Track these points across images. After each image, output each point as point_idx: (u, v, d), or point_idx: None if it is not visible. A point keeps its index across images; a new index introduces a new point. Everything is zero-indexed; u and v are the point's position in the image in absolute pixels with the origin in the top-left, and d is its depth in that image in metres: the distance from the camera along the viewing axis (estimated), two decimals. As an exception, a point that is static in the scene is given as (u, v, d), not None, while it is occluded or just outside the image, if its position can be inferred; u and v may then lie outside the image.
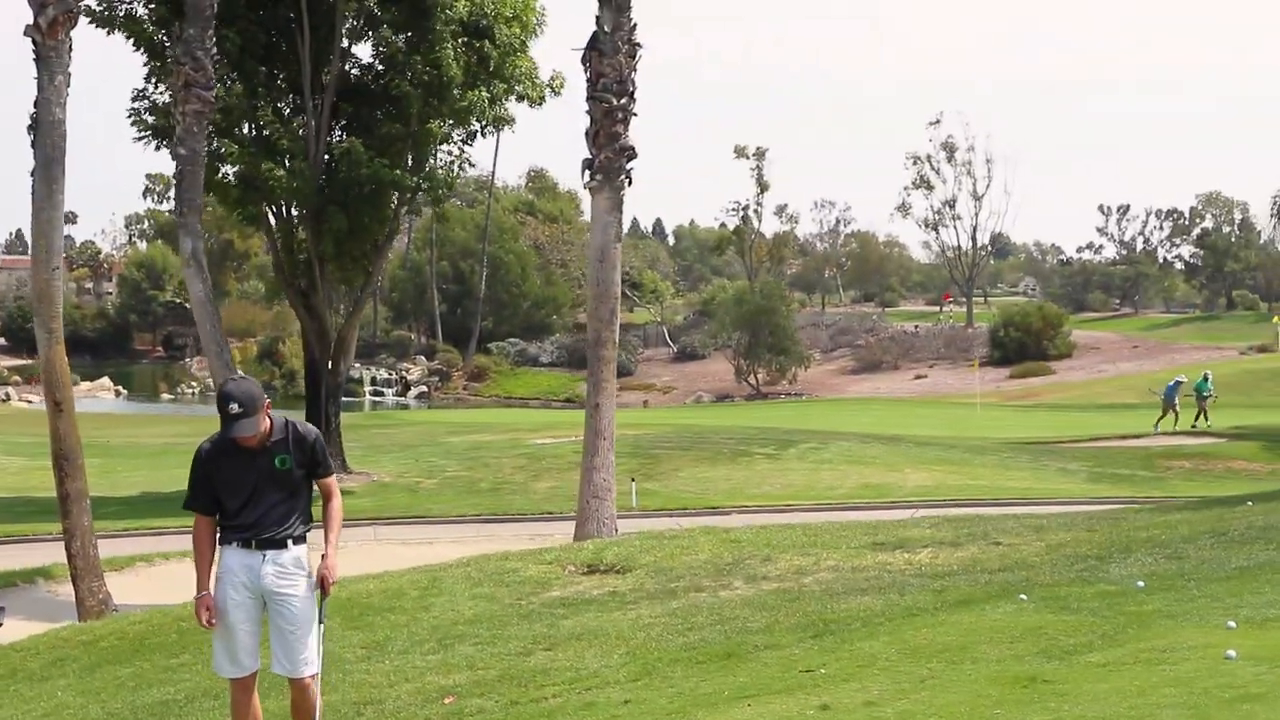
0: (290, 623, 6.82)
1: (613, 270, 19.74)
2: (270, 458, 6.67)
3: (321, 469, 6.84)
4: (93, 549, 16.00)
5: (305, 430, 6.81)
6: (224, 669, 6.86)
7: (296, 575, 6.84)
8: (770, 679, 8.34)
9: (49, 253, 15.60)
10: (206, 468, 6.73)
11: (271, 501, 6.72)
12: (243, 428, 6.52)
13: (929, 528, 13.99)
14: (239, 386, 6.63)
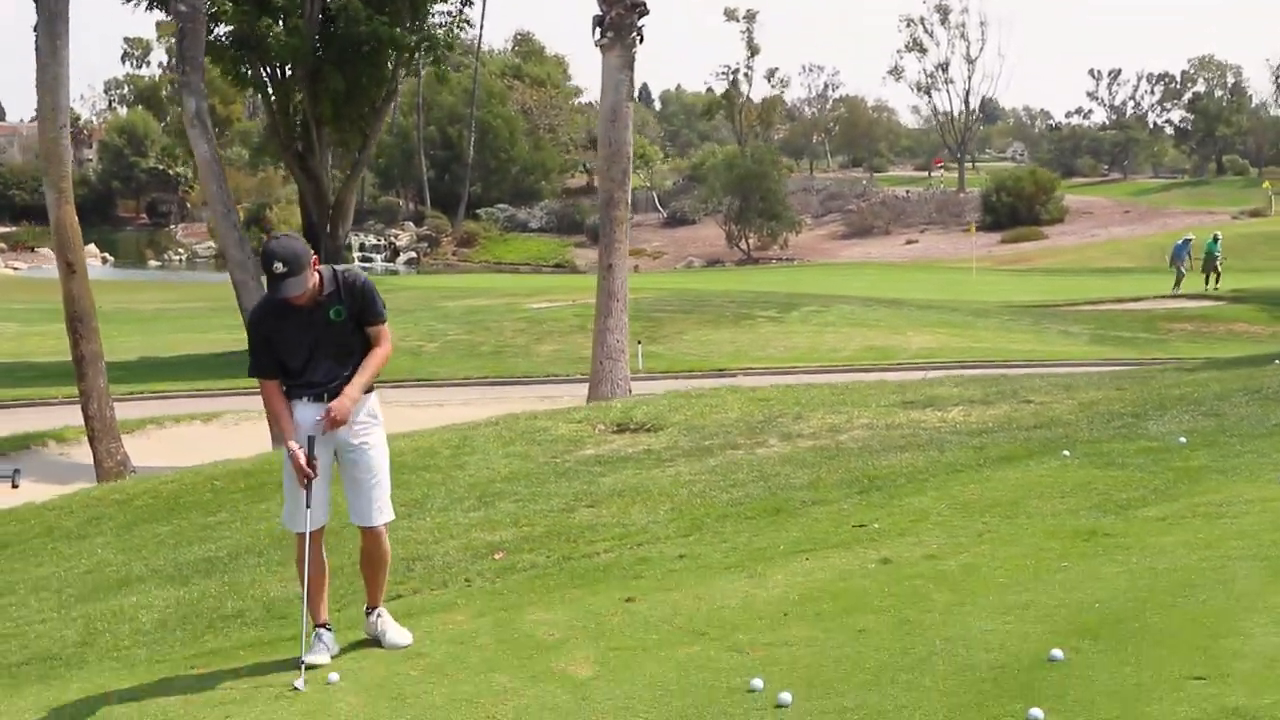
0: (365, 471, 6.69)
1: (624, 130, 19.43)
2: (324, 311, 6.45)
3: (371, 315, 6.57)
4: (109, 410, 15.90)
5: (354, 277, 6.57)
6: (295, 523, 6.73)
7: (369, 424, 6.71)
8: (823, 533, 8.31)
9: (55, 110, 15.23)
10: (262, 331, 6.51)
11: (335, 355, 6.54)
12: (290, 287, 6.27)
13: (955, 386, 13.93)
14: (282, 245, 6.34)
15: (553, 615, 7.06)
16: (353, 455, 6.66)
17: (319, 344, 6.47)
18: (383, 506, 6.74)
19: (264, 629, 7.54)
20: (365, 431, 6.66)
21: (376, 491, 6.70)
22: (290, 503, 6.73)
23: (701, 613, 6.85)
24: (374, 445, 6.71)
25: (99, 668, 7.14)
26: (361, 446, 6.65)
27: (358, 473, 6.67)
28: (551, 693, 5.87)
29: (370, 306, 6.55)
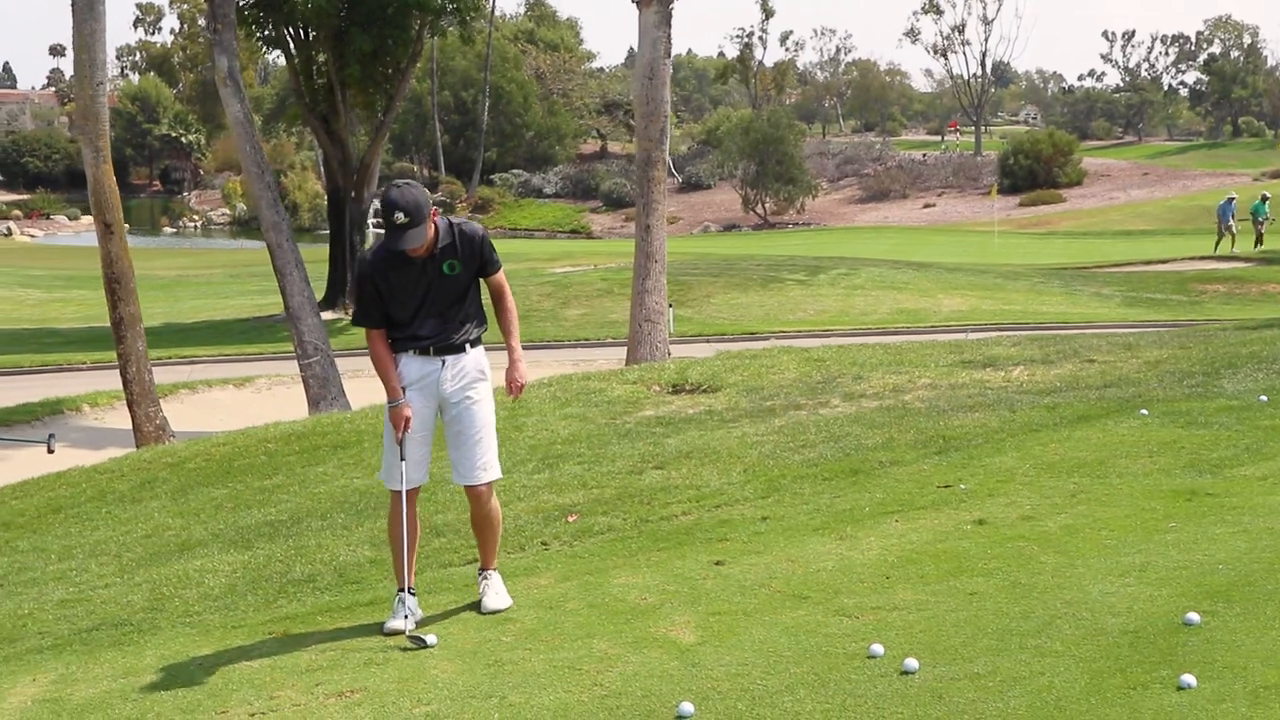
0: (470, 426, 6.46)
1: (662, 87, 19.12)
2: (439, 264, 6.21)
3: (490, 266, 6.38)
4: (148, 374, 15.67)
5: (470, 230, 6.33)
6: (393, 480, 6.50)
7: (476, 379, 6.47)
8: (908, 494, 8.06)
9: (92, 67, 14.92)
10: (375, 281, 6.27)
11: (444, 308, 6.31)
12: (411, 238, 6.03)
13: (1013, 346, 13.65)
14: (404, 194, 6.05)
15: (641, 579, 6.84)
16: (457, 410, 6.44)
17: (429, 297, 6.26)
18: (488, 464, 6.52)
19: (338, 594, 7.31)
20: (471, 386, 6.43)
21: (480, 448, 6.47)
22: (389, 459, 6.51)
23: (797, 576, 6.62)
24: (479, 400, 6.48)
25: (172, 633, 6.93)
26: (466, 401, 6.43)
27: (461, 428, 6.45)
28: (657, 659, 5.64)
29: (490, 257, 6.37)
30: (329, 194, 32.12)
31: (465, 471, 6.47)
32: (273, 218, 18.88)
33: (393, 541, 6.55)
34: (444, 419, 6.48)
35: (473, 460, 6.45)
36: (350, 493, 9.52)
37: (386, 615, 6.64)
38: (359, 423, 11.48)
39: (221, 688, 5.83)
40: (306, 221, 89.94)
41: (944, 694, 4.90)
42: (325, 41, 29.42)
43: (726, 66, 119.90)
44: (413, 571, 6.56)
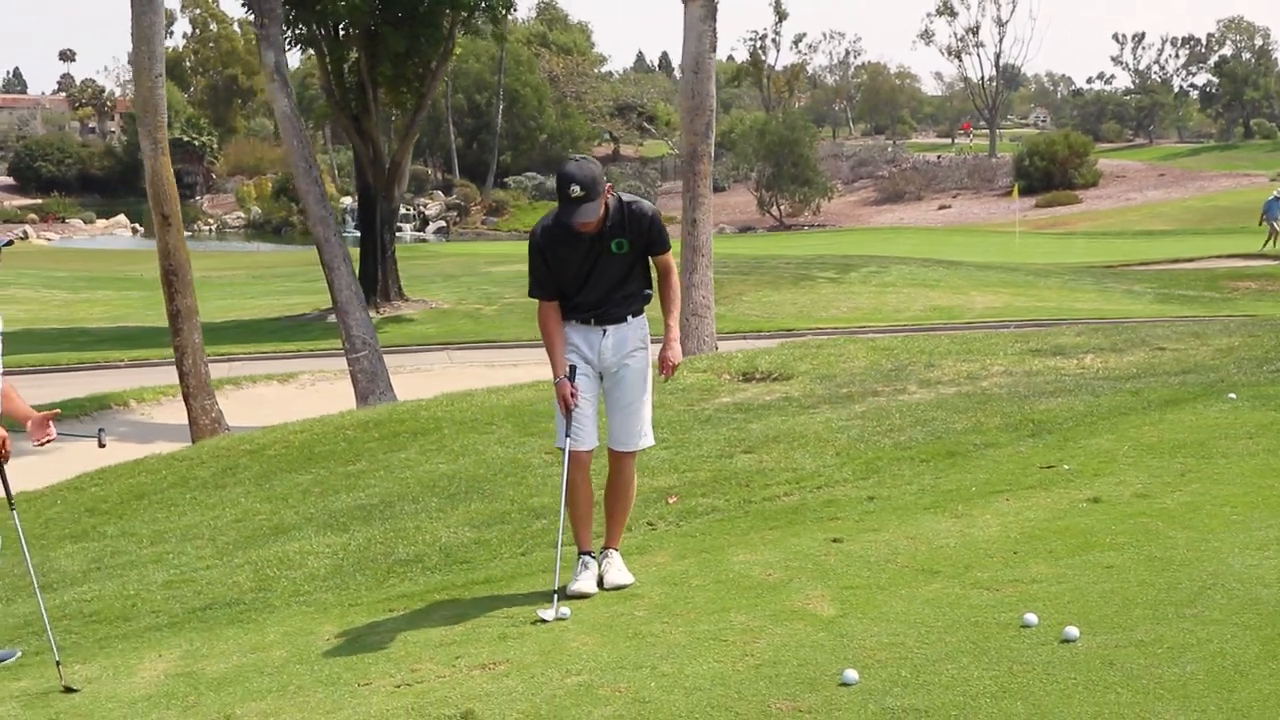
0: (629, 392, 6.50)
1: (707, 81, 19.09)
2: (607, 241, 6.20)
3: (658, 246, 6.37)
4: (204, 367, 15.65)
5: (641, 208, 6.30)
6: (562, 440, 6.53)
7: (637, 348, 6.49)
8: (1011, 475, 8.02)
9: (151, 60, 14.93)
10: (543, 254, 6.28)
11: (610, 282, 6.32)
12: (584, 213, 6.02)
13: (1078, 335, 13.62)
14: (580, 168, 6.06)
15: (760, 556, 6.80)
16: (617, 378, 6.49)
17: (595, 272, 6.27)
18: (643, 431, 6.58)
19: (449, 573, 7.30)
20: (630, 355, 6.48)
21: (636, 416, 6.50)
22: (558, 422, 6.53)
23: (921, 552, 6.58)
24: (638, 369, 6.52)
25: (288, 612, 6.92)
26: (624, 369, 6.52)
27: (620, 394, 6.53)
28: (802, 630, 5.60)
29: (659, 237, 6.35)
30: (359, 192, 32.09)
31: (618, 436, 6.52)
32: (320, 212, 18.87)
33: (569, 506, 6.57)
34: (604, 386, 6.51)
35: (630, 427, 6.51)
36: (438, 477, 9.50)
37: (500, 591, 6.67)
38: (435, 410, 11.46)
39: (357, 661, 5.81)
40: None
41: (1115, 660, 4.86)
42: (357, 40, 29.44)
43: (739, 70, 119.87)
44: (590, 536, 6.54)
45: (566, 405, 6.35)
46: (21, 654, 6.65)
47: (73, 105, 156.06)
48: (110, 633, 6.92)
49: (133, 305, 36.74)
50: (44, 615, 6.50)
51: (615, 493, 6.67)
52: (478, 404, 11.42)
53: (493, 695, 5.15)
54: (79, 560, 8.84)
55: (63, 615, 7.39)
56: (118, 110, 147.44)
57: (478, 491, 8.96)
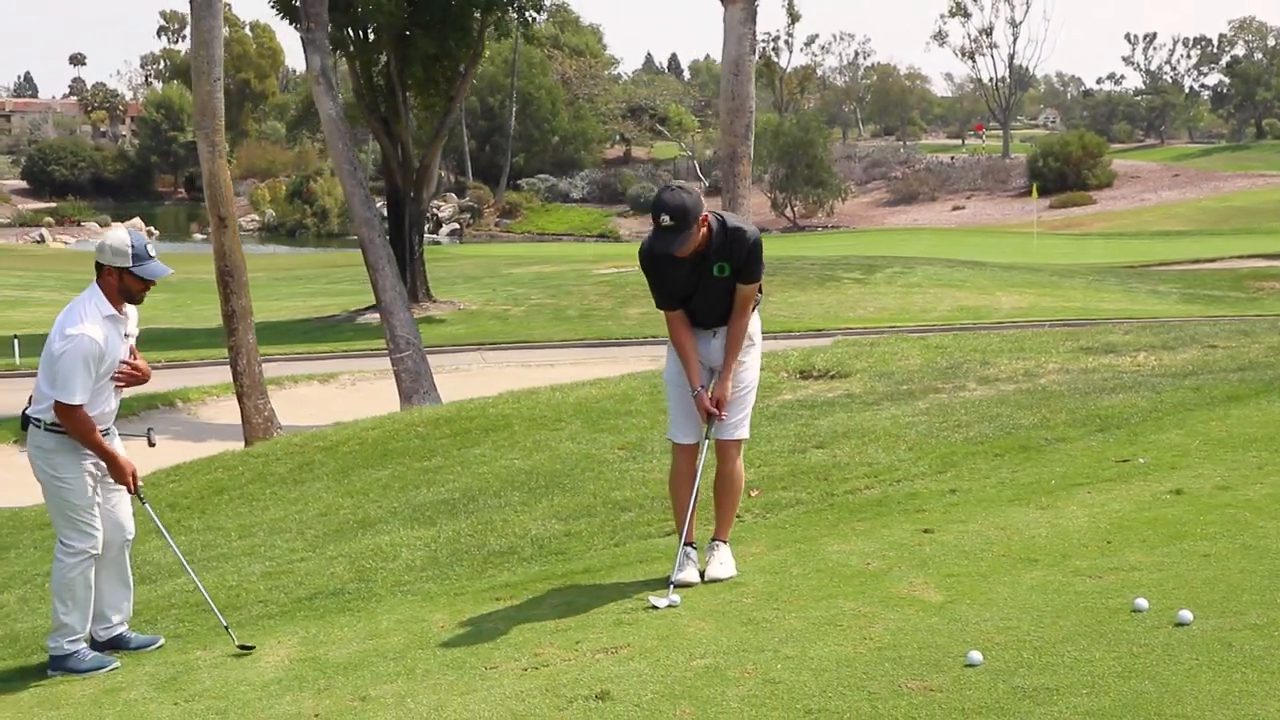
0: (735, 387, 6.63)
1: (747, 83, 19.27)
2: (709, 265, 6.31)
3: (751, 274, 6.37)
4: (258, 366, 15.83)
5: (743, 233, 6.31)
6: (677, 436, 6.72)
7: (745, 346, 6.65)
8: (1088, 468, 8.19)
9: (210, 63, 15.12)
10: (653, 270, 6.44)
11: (713, 300, 6.47)
12: (674, 243, 6.12)
13: (1127, 334, 13.77)
14: (674, 197, 6.11)
15: (854, 546, 6.98)
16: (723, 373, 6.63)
17: (699, 291, 6.41)
18: (742, 423, 6.71)
19: (547, 564, 7.47)
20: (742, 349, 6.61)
21: (738, 407, 6.64)
22: (673, 416, 6.72)
23: (1015, 542, 6.75)
24: (746, 364, 6.69)
25: (394, 601, 7.10)
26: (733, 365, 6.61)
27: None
28: (915, 616, 5.77)
29: (753, 266, 6.37)
30: (388, 195, 32.34)
31: (720, 427, 6.63)
32: (365, 214, 19.06)
33: (674, 496, 6.77)
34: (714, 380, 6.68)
35: (730, 417, 6.62)
36: (515, 473, 9.68)
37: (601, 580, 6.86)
38: (502, 407, 11.65)
39: (479, 647, 5.98)
40: (336, 227, 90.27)
41: (1233, 643, 5.01)
42: (387, 44, 29.65)
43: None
44: (694, 526, 6.68)
45: (707, 414, 6.50)
46: (164, 641, 6.82)
47: (84, 109, 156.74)
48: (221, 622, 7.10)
49: (159, 308, 36.96)
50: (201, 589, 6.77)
51: (721, 484, 6.83)
52: (544, 401, 11.61)
53: (623, 677, 5.32)
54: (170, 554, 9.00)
55: (171, 605, 7.59)
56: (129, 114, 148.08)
57: (558, 486, 9.13)
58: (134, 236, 6.50)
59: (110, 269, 6.43)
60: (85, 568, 6.49)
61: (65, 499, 6.46)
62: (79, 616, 6.51)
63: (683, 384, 6.64)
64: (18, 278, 49.40)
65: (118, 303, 6.46)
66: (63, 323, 6.37)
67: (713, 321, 6.55)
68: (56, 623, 6.53)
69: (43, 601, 8.40)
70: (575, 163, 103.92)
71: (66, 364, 6.24)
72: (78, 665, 6.51)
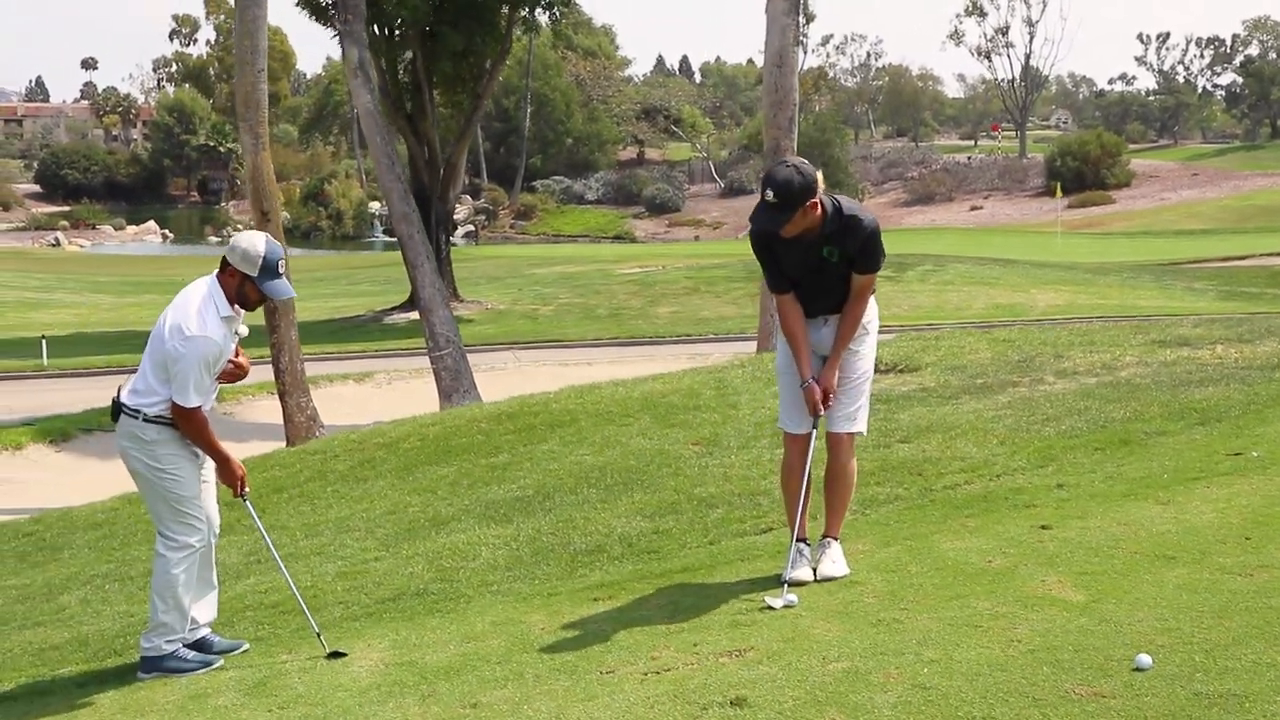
0: (847, 379, 6.26)
1: (790, 75, 18.94)
2: (819, 248, 5.95)
3: (867, 263, 6.03)
4: (299, 365, 15.47)
5: (858, 221, 5.95)
6: (787, 425, 6.36)
7: (859, 334, 6.27)
8: (1200, 462, 7.83)
9: (254, 54, 14.77)
10: (764, 249, 6.07)
11: (825, 286, 6.09)
12: (774, 220, 5.78)
13: (1196, 327, 13.40)
14: (782, 174, 5.77)
15: (970, 543, 6.61)
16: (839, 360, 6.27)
17: (810, 275, 6.04)
18: (856, 415, 6.33)
19: (641, 562, 7.12)
20: (855, 338, 6.23)
21: (851, 398, 6.27)
22: (783, 406, 6.33)
23: (1144, 538, 6.38)
24: (859, 353, 6.30)
25: (485, 602, 6.75)
26: (846, 354, 6.23)
27: (840, 376, 6.24)
28: (1059, 617, 5.40)
29: (870, 255, 6.03)
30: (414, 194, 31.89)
31: (833, 418, 6.26)
32: (403, 209, 18.71)
33: (785, 489, 6.43)
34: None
35: (842, 409, 6.26)
36: (589, 469, 9.33)
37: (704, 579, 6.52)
38: (565, 403, 11.29)
39: (589, 649, 5.63)
40: (350, 229, 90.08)
41: None
42: (414, 40, 29.32)
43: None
44: (806, 521, 6.35)
45: (816, 410, 6.16)
46: (248, 646, 6.48)
47: (96, 113, 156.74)
48: (302, 623, 6.74)
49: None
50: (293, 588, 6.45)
51: (832, 478, 6.46)
52: (608, 396, 11.25)
53: (756, 681, 4.96)
54: (234, 553, 8.68)
55: (245, 606, 7.25)
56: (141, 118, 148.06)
57: (636, 483, 8.78)
58: (269, 247, 6.15)
59: (235, 270, 6.09)
60: (190, 563, 6.16)
61: (170, 490, 6.11)
62: (179, 615, 6.17)
63: (792, 372, 6.28)
64: (38, 280, 49.14)
65: (233, 303, 6.13)
66: (180, 321, 6.02)
67: (822, 309, 6.17)
68: (154, 622, 6.18)
69: (105, 603, 8.07)
70: (590, 164, 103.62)
71: (186, 366, 5.92)
72: (178, 665, 6.16)
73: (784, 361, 6.38)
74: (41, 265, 60.66)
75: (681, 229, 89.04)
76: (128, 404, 6.18)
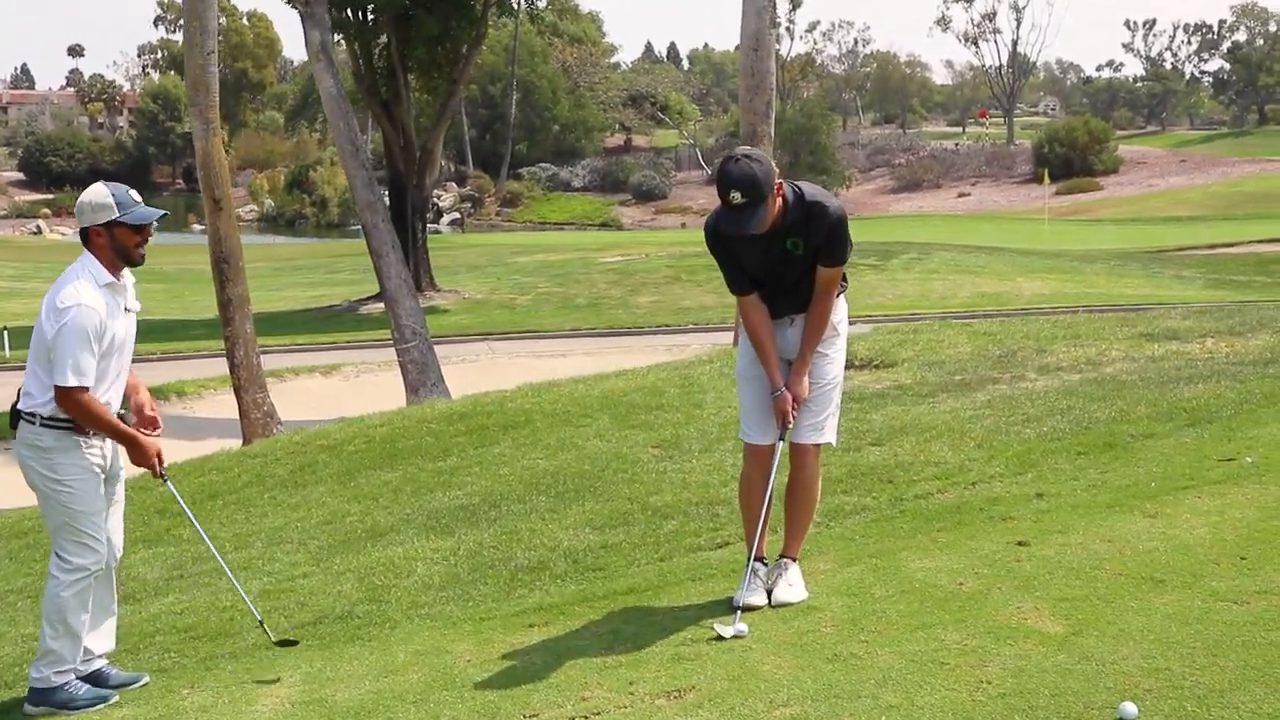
0: (815, 381, 5.68)
1: (767, 58, 18.35)
2: (781, 241, 5.36)
3: (831, 255, 5.41)
4: (256, 358, 14.87)
5: (823, 207, 5.34)
6: (749, 435, 5.79)
7: (829, 335, 5.68)
8: (1189, 468, 7.28)
9: (203, 35, 14.16)
10: (721, 249, 5.48)
11: (792, 283, 5.50)
12: (747, 223, 5.18)
13: (1185, 319, 12.86)
14: (740, 169, 5.14)
15: (939, 562, 6.07)
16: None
17: (774, 272, 5.45)
18: (824, 425, 5.74)
19: (584, 582, 6.55)
20: (822, 341, 5.65)
21: (819, 405, 5.68)
22: (745, 415, 5.79)
23: (1129, 557, 5.85)
24: (827, 356, 5.72)
25: (411, 627, 6.19)
26: (814, 357, 5.64)
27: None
28: (1035, 652, 4.86)
29: (835, 247, 5.41)
30: (389, 181, 31.34)
31: (799, 428, 5.68)
32: (368, 197, 18.10)
33: (744, 504, 5.90)
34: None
35: (809, 418, 5.69)
36: (540, 475, 8.76)
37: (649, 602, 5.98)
38: (521, 401, 10.72)
39: (515, 689, 5.08)
40: (335, 217, 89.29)
41: None
42: (389, 24, 28.66)
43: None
44: (765, 539, 5.80)
45: (786, 420, 5.61)
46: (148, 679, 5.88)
47: (82, 100, 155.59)
48: (214, 651, 6.20)
49: (156, 298, 36.03)
50: (237, 585, 6.13)
51: (794, 493, 5.90)
52: (566, 395, 10.68)
53: (694, 731, 4.41)
54: (157, 567, 8.10)
55: (154, 630, 6.67)
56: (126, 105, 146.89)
57: (589, 490, 8.22)
58: (111, 186, 5.60)
59: (98, 229, 5.51)
60: (83, 587, 5.56)
61: (67, 505, 5.50)
62: (70, 643, 5.57)
63: (756, 378, 5.71)
64: (14, 269, 48.47)
65: (115, 267, 5.54)
66: (52, 299, 5.45)
67: (789, 309, 5.58)
68: (43, 649, 5.60)
69: (12, 624, 7.49)
70: (576, 151, 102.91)
71: (65, 341, 5.31)
72: (67, 700, 5.57)
73: (746, 366, 5.81)
74: (20, 253, 59.95)
75: (668, 216, 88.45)
76: (22, 408, 5.60)
